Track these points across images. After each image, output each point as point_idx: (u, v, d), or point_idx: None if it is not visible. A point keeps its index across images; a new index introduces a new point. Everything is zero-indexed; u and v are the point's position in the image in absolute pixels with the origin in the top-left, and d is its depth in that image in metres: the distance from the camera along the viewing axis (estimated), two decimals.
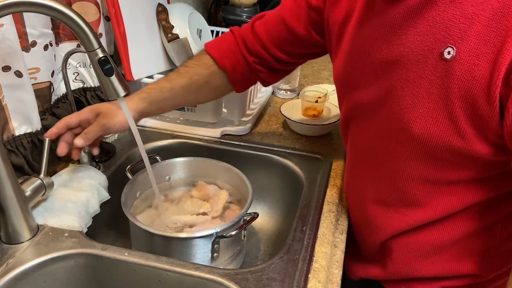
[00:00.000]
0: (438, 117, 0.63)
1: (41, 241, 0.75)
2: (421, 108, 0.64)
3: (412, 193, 0.72)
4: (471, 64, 0.58)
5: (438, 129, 0.63)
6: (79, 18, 0.64)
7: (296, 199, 0.92)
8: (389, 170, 0.74)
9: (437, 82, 0.62)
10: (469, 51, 0.58)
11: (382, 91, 0.70)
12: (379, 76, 0.70)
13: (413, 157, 0.69)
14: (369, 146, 0.76)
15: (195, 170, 0.98)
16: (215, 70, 0.91)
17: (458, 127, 0.62)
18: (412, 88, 0.65)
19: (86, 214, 0.82)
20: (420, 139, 0.66)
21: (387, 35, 0.67)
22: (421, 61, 0.63)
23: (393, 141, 0.70)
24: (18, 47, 0.76)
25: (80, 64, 0.96)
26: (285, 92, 1.33)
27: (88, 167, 0.92)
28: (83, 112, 0.82)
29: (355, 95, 0.76)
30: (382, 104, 0.70)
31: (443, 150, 0.65)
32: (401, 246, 0.78)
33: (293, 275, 0.71)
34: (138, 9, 1.10)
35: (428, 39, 0.62)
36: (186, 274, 0.71)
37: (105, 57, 0.67)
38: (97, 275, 0.75)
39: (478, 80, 0.58)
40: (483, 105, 0.58)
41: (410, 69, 0.65)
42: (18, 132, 0.80)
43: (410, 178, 0.71)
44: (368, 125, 0.75)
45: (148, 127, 1.13)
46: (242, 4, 1.52)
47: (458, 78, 0.59)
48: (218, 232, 0.77)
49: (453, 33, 0.59)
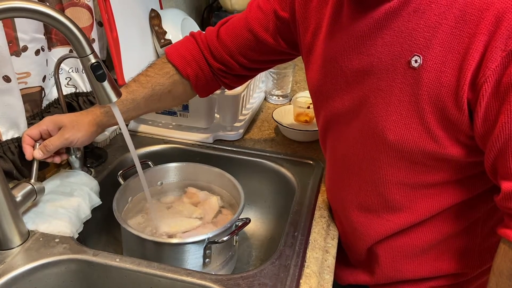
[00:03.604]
0: (411, 124, 0.65)
1: (31, 247, 0.74)
2: (394, 116, 0.66)
3: (392, 198, 0.73)
4: (438, 72, 0.60)
5: (412, 135, 0.65)
6: (71, 24, 0.64)
7: (288, 205, 0.92)
8: (368, 177, 0.75)
9: (407, 90, 0.64)
10: (435, 59, 0.60)
11: (356, 100, 0.71)
12: (352, 85, 0.71)
13: (390, 163, 0.70)
14: (348, 154, 0.77)
15: (187, 175, 0.98)
16: (177, 80, 0.89)
17: (431, 132, 0.64)
18: (384, 97, 0.66)
19: (77, 219, 0.82)
20: (395, 145, 0.67)
21: (356, 46, 0.68)
22: (391, 70, 0.65)
23: (370, 148, 0.72)
24: (6, 52, 0.75)
25: (73, 69, 0.96)
26: (277, 98, 1.33)
27: (79, 172, 0.92)
28: (43, 123, 0.80)
29: (331, 104, 0.77)
30: (358, 112, 0.72)
31: (418, 154, 0.66)
32: (386, 250, 0.79)
33: (284, 280, 0.71)
34: (131, 14, 1.10)
35: (396, 48, 0.64)
36: (178, 280, 0.70)
37: (97, 62, 0.67)
38: (88, 281, 0.75)
39: (445, 87, 0.60)
40: (453, 110, 0.61)
41: (380, 78, 0.66)
42: (5, 137, 0.80)
43: (390, 183, 0.72)
44: (346, 134, 0.76)
45: (140, 132, 1.13)
46: (234, 10, 1.53)
47: (427, 85, 0.61)
48: (210, 238, 0.77)
49: (419, 42, 0.61)
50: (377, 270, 0.82)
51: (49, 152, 0.78)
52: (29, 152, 0.78)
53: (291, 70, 1.33)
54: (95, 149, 1.02)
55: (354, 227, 0.81)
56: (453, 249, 0.76)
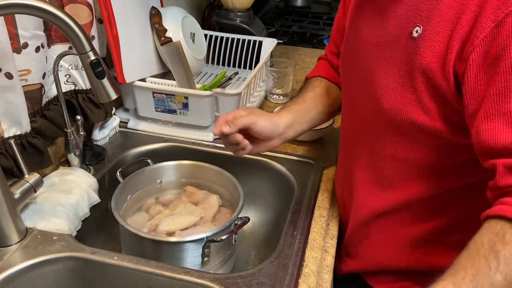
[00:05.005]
0: (405, 93, 0.67)
1: (29, 244, 0.74)
2: (391, 85, 0.68)
3: (384, 173, 0.76)
4: (432, 41, 0.62)
5: (405, 103, 0.67)
6: (70, 20, 0.63)
7: (287, 204, 0.92)
8: (367, 149, 0.78)
9: (405, 59, 0.66)
10: (432, 29, 0.62)
11: (368, 72, 0.73)
12: (365, 57, 0.74)
13: (383, 134, 0.72)
14: (355, 126, 0.81)
15: (187, 173, 0.98)
16: (327, 84, 0.96)
17: (422, 102, 0.65)
18: (385, 66, 0.69)
19: (76, 217, 0.82)
20: (388, 114, 0.69)
21: (375, 20, 0.72)
22: (396, 40, 0.67)
23: (370, 119, 0.75)
24: (9, 49, 0.75)
25: (72, 66, 0.95)
26: (278, 96, 1.33)
27: (78, 170, 0.91)
28: (238, 109, 0.85)
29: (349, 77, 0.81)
30: (366, 85, 0.74)
31: (409, 125, 0.68)
32: (378, 231, 0.81)
33: (283, 279, 0.71)
34: (131, 12, 1.10)
35: (403, 21, 0.66)
36: (176, 278, 0.70)
37: (97, 59, 0.66)
38: (86, 279, 0.75)
39: (436, 55, 0.61)
40: (440, 80, 0.62)
41: (386, 48, 0.69)
42: (7, 134, 0.80)
43: (381, 157, 0.74)
44: (356, 106, 0.80)
45: (140, 130, 1.13)
46: (236, 8, 1.52)
47: (421, 54, 0.63)
48: (208, 237, 0.77)
49: (422, 13, 0.64)
50: (369, 254, 0.83)
51: (235, 126, 0.79)
52: (218, 126, 0.79)
53: (292, 69, 1.33)
54: (94, 147, 1.02)
55: (352, 198, 0.83)
56: (444, 244, 0.76)
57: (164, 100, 1.10)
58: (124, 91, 1.12)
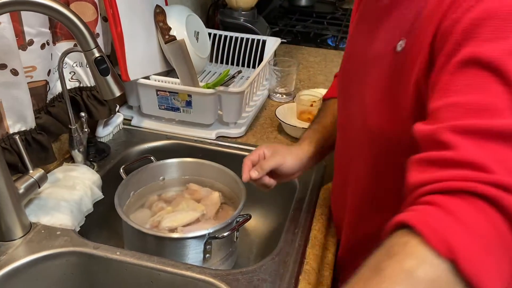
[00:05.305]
0: (389, 111, 0.63)
1: (33, 239, 0.75)
2: (374, 103, 0.65)
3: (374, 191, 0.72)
4: (415, 54, 0.58)
5: (387, 122, 0.63)
6: (76, 18, 0.64)
7: (289, 202, 0.93)
8: (355, 168, 0.75)
9: (390, 75, 0.63)
10: (414, 42, 0.59)
11: (356, 89, 0.71)
12: (358, 72, 0.72)
13: (369, 152, 0.70)
14: (345, 144, 0.80)
15: (189, 171, 0.99)
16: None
17: (408, 119, 0.60)
18: (370, 82, 0.67)
19: (79, 212, 0.82)
20: (371, 132, 0.67)
21: (367, 33, 0.70)
22: (381, 56, 0.65)
23: (356, 138, 0.72)
24: (14, 46, 0.76)
25: (77, 63, 0.96)
26: (281, 95, 1.33)
27: (82, 166, 0.92)
28: (260, 148, 0.86)
29: (344, 92, 0.79)
30: (355, 103, 0.72)
31: (392, 143, 0.64)
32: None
33: (284, 276, 0.71)
34: (135, 10, 1.10)
35: (389, 35, 0.64)
36: (177, 274, 0.71)
37: (101, 56, 0.67)
38: (89, 274, 0.75)
39: (421, 69, 0.57)
40: (426, 95, 0.56)
41: (372, 64, 0.67)
42: (12, 130, 0.80)
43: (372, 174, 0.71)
44: (345, 125, 0.78)
45: (143, 127, 1.14)
46: (240, 7, 1.53)
47: (405, 68, 0.59)
48: (210, 233, 0.78)
49: (405, 27, 0.61)
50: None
51: (263, 171, 0.81)
52: (246, 172, 0.82)
53: (295, 68, 1.33)
54: (98, 144, 1.03)
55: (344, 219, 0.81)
56: None
57: (167, 98, 1.11)
58: (128, 89, 1.13)
